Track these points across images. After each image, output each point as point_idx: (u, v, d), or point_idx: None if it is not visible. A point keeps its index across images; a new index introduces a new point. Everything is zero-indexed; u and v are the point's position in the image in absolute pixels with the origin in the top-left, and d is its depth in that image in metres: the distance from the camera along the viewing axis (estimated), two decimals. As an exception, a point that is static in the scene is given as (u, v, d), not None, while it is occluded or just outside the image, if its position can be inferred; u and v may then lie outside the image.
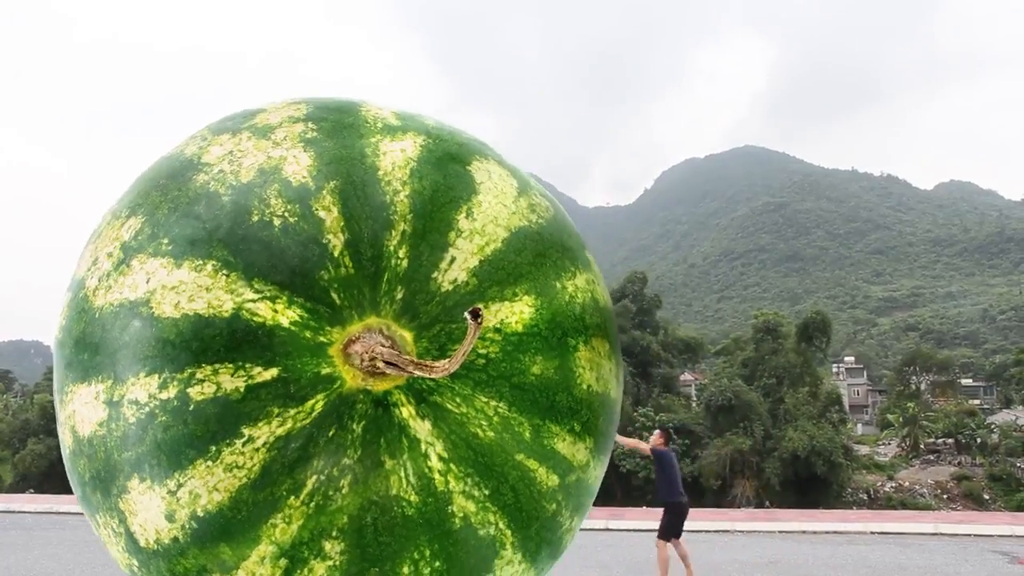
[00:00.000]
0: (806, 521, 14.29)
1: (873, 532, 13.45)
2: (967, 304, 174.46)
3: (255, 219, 1.44)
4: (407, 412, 1.47)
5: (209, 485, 1.36)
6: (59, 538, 11.99)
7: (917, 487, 47.29)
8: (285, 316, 1.40)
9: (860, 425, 73.05)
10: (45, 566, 9.92)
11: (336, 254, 1.44)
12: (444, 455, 1.48)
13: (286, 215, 1.44)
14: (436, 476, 1.47)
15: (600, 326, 1.74)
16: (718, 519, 14.84)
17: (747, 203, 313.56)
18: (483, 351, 1.51)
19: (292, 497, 1.38)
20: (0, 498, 19.62)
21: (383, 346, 1.42)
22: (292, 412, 1.39)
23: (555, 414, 1.59)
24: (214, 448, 1.36)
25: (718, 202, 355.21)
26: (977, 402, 67.05)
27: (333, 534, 1.41)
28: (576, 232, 1.86)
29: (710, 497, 40.94)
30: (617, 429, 1.93)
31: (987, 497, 45.13)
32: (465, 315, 1.31)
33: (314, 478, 1.39)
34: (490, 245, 1.57)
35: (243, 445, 1.36)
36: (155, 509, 1.40)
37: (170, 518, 1.40)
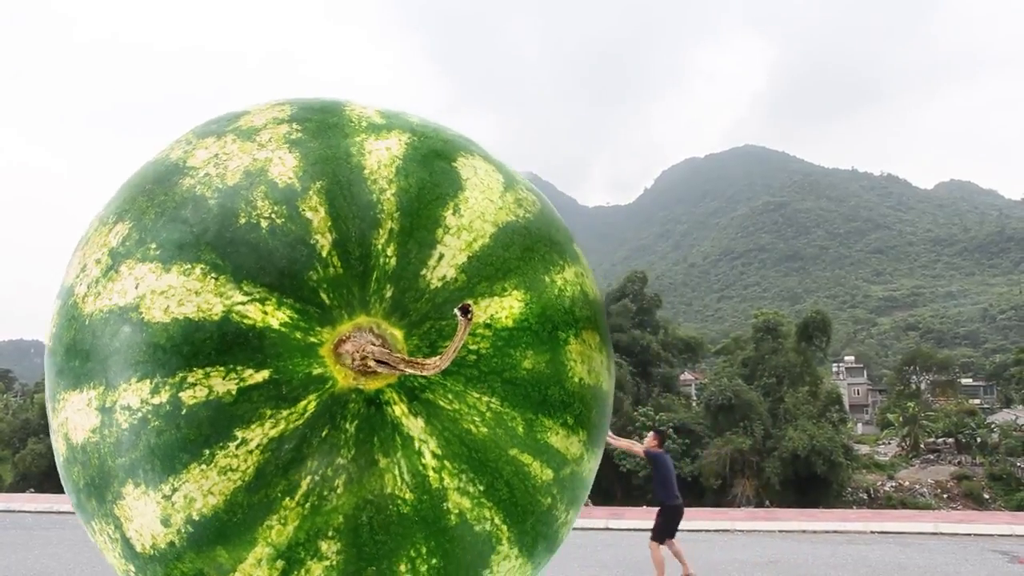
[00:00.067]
0: (806, 520, 14.26)
1: (873, 531, 13.44)
2: (967, 304, 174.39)
3: (242, 221, 1.44)
4: (400, 410, 1.47)
5: (204, 489, 1.36)
6: (59, 538, 11.98)
7: (917, 486, 47.29)
8: (275, 318, 1.40)
9: (860, 425, 73.01)
10: (45, 566, 9.91)
11: (324, 254, 1.44)
12: (438, 452, 1.48)
13: (273, 217, 1.44)
14: (430, 473, 1.47)
15: (590, 319, 1.74)
16: (718, 519, 14.84)
17: (747, 203, 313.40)
18: (474, 347, 1.51)
19: (287, 498, 1.38)
20: (0, 498, 19.61)
21: (374, 345, 1.42)
22: (285, 413, 1.39)
23: (548, 408, 1.59)
24: (208, 451, 1.36)
25: (718, 202, 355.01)
26: (977, 402, 66.99)
27: (329, 534, 1.41)
28: (564, 226, 1.86)
29: (710, 496, 40.94)
30: (611, 426, 1.92)
31: (987, 496, 45.14)
32: (455, 311, 1.31)
33: (308, 479, 1.39)
34: (478, 241, 1.57)
35: (236, 448, 1.36)
36: (150, 514, 1.40)
37: (166, 523, 1.40)
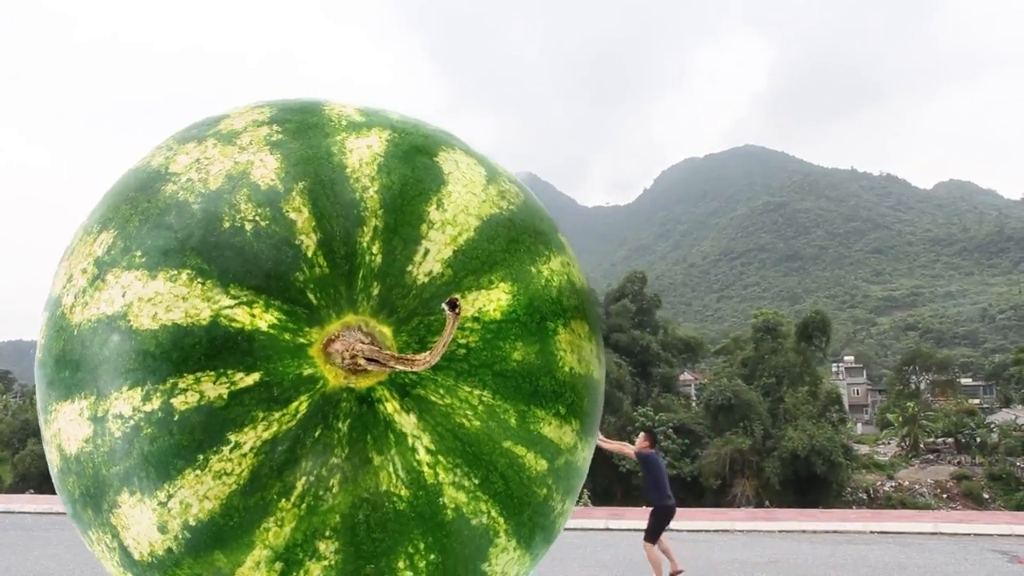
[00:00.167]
0: (806, 520, 14.25)
1: (873, 531, 13.43)
2: (966, 303, 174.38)
3: (226, 225, 1.44)
4: (392, 407, 1.47)
5: (199, 494, 1.37)
6: (59, 538, 11.97)
7: (917, 486, 47.29)
8: (263, 320, 1.40)
9: (860, 425, 73.01)
10: (45, 567, 9.91)
11: (310, 254, 1.44)
12: (431, 447, 1.48)
13: (257, 219, 1.44)
14: (425, 469, 1.47)
15: (578, 308, 1.74)
16: (718, 519, 14.83)
17: (747, 203, 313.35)
18: (463, 341, 1.52)
19: (283, 500, 1.38)
20: (0, 498, 19.60)
21: (363, 343, 1.42)
22: (277, 415, 1.39)
23: (539, 399, 1.59)
24: (201, 457, 1.36)
25: (718, 202, 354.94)
26: (977, 401, 66.95)
27: (326, 534, 1.41)
28: (548, 216, 1.86)
29: (710, 496, 40.94)
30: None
31: (987, 496, 45.14)
32: (443, 306, 1.32)
33: (304, 479, 1.39)
34: (463, 235, 1.57)
35: (230, 451, 1.36)
36: (147, 522, 1.40)
37: (162, 529, 1.40)
